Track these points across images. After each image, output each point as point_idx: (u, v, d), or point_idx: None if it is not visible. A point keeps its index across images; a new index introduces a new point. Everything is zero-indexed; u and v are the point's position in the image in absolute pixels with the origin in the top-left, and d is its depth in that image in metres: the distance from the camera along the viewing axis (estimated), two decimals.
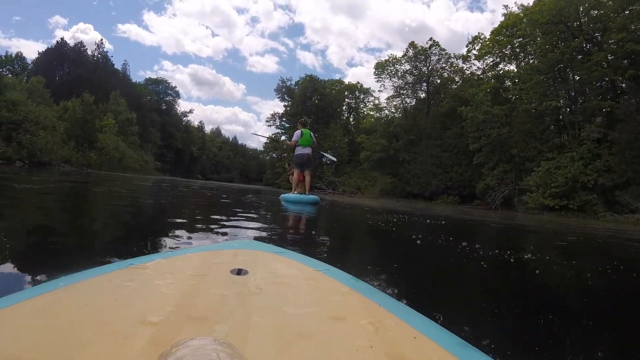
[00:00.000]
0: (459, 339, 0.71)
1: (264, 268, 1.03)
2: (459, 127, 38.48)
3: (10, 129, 30.23)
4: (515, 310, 1.98)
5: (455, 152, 39.67)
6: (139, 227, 3.79)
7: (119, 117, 55.42)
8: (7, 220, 3.03)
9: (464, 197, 37.63)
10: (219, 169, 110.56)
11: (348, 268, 1.64)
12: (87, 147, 40.69)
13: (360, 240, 4.70)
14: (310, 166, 10.77)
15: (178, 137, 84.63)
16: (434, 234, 5.24)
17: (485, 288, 2.46)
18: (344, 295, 0.88)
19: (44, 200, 5.26)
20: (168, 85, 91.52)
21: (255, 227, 4.11)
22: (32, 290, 0.77)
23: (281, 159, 67.29)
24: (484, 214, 16.90)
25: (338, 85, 69.78)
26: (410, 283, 2.30)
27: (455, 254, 3.36)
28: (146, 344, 0.59)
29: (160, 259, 1.03)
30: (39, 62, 59.32)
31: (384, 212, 10.19)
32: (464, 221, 9.97)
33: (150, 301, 0.76)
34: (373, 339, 0.67)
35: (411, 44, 48.55)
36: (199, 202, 8.00)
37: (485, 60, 41.32)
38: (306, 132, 10.61)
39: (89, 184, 11.00)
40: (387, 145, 44.97)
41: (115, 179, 16.02)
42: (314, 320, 0.74)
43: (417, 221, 7.79)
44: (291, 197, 10.36)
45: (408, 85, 49.95)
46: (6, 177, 9.64)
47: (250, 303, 0.78)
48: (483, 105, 33.21)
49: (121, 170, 43.30)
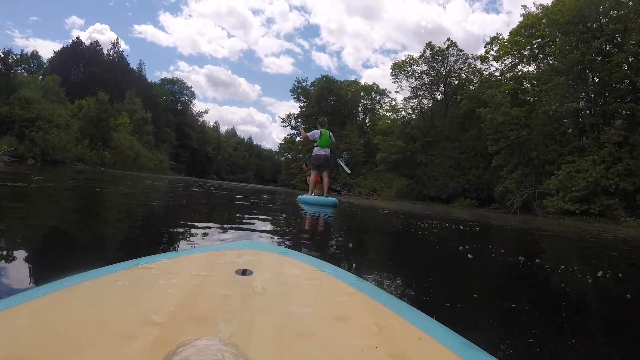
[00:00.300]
0: (464, 340, 0.71)
1: (269, 268, 1.04)
2: (476, 128, 38.23)
3: (24, 127, 30.25)
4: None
5: (473, 154, 39.40)
6: (145, 228, 3.73)
7: (134, 117, 55.54)
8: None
9: (482, 200, 37.33)
10: (234, 170, 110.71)
11: (399, 294, 1.59)
12: (101, 145, 40.70)
13: (399, 253, 4.05)
14: (328, 167, 10.58)
15: (193, 137, 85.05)
16: (479, 244, 4.96)
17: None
18: (349, 295, 0.89)
19: (42, 200, 5.13)
20: (184, 86, 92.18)
21: (271, 231, 4.04)
22: (36, 291, 0.77)
23: (296, 159, 67.35)
24: (506, 218, 16.65)
25: (354, 86, 69.67)
26: (497, 320, 1.85)
27: (525, 274, 2.92)
28: (151, 344, 0.59)
29: (165, 259, 1.03)
30: (54, 61, 59.60)
31: (409, 216, 10.02)
32: (498, 227, 9.62)
33: (155, 301, 0.76)
34: (377, 339, 0.67)
35: (428, 44, 48.40)
36: (211, 204, 7.86)
37: (504, 61, 40.96)
38: (325, 133, 10.39)
39: (102, 182, 11.04)
40: (404, 146, 44.81)
41: (125, 179, 15.92)
42: (318, 321, 0.74)
43: (450, 227, 7.46)
44: (309, 199, 10.24)
45: (425, 86, 49.80)
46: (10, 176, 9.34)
47: (254, 303, 0.79)
48: (502, 106, 32.87)
49: (135, 169, 43.35)
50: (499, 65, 42.38)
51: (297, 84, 71.74)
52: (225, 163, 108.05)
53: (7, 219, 2.91)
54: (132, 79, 65.17)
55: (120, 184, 11.49)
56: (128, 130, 51.69)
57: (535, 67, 38.36)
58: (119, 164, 42.06)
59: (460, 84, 47.57)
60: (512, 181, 32.02)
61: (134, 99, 58.25)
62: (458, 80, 47.95)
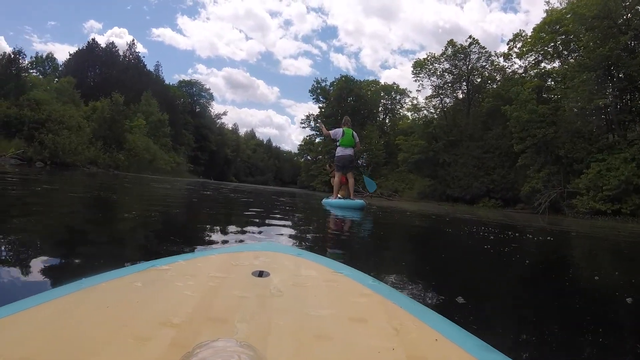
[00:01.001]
0: (481, 342, 0.71)
1: (285, 270, 1.03)
2: (501, 127, 37.67)
3: (33, 129, 29.54)
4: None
5: (498, 153, 38.71)
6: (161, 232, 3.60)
7: (150, 118, 55.26)
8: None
9: (506, 200, 36.68)
10: (253, 172, 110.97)
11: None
12: (115, 148, 39.94)
13: (481, 276, 2.93)
14: (352, 168, 10.23)
15: (212, 139, 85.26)
16: (569, 261, 4.32)
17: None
18: (365, 296, 0.89)
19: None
20: (202, 87, 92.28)
21: (300, 237, 3.85)
22: (53, 292, 0.78)
23: (316, 161, 67.27)
24: (536, 219, 16.08)
25: (374, 86, 69.30)
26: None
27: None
28: (168, 345, 0.60)
29: (181, 260, 1.04)
30: (70, 63, 59.33)
31: (447, 219, 9.62)
32: (563, 234, 8.35)
33: (172, 303, 0.77)
34: (394, 341, 0.68)
35: (450, 42, 47.80)
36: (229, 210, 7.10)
37: (528, 58, 40.18)
38: (348, 132, 9.98)
39: (115, 186, 10.50)
40: (427, 146, 44.31)
41: (134, 182, 15.13)
42: (334, 322, 0.75)
43: (515, 236, 6.27)
44: (335, 203, 9.90)
45: (447, 85, 49.19)
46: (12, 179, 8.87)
47: (271, 305, 0.79)
48: (528, 103, 32.19)
49: (150, 172, 43.00)
50: (522, 63, 41.65)
51: (316, 85, 71.54)
52: (244, 165, 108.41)
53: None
54: (148, 80, 65.06)
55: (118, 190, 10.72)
56: (144, 132, 51.26)
57: (559, 63, 37.47)
58: (134, 166, 41.78)
59: (483, 82, 46.99)
60: (539, 180, 31.32)
61: (150, 101, 57.87)
62: (481, 78, 47.22)
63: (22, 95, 31.41)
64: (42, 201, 5.11)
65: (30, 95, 32.31)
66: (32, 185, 7.99)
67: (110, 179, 16.40)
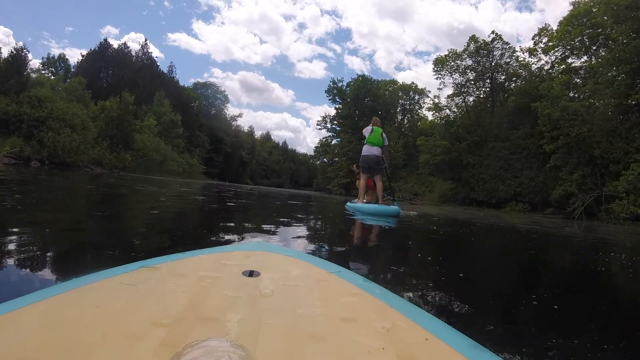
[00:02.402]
0: (470, 341, 0.72)
1: (276, 270, 1.04)
2: (528, 126, 35.83)
3: (32, 126, 28.34)
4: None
5: (525, 154, 36.64)
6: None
7: (162, 119, 54.31)
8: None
9: (535, 204, 34.70)
10: (269, 174, 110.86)
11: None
12: (123, 148, 38.65)
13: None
14: (380, 170, 9.16)
15: (227, 142, 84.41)
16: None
17: None
18: (356, 296, 0.90)
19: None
20: (217, 90, 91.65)
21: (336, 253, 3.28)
22: (43, 292, 0.78)
23: (332, 163, 66.06)
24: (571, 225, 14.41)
25: (391, 86, 67.74)
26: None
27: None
28: (158, 345, 0.60)
29: (172, 260, 1.04)
30: (82, 64, 58.72)
31: (499, 229, 8.38)
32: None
33: (162, 302, 0.78)
34: (385, 340, 0.68)
35: (472, 37, 46.03)
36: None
37: (555, 52, 38.22)
38: (377, 130, 9.13)
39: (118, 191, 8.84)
40: (450, 147, 42.44)
41: (123, 184, 12.68)
42: (325, 322, 0.75)
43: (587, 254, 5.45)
44: (363, 208, 8.69)
45: (469, 83, 47.26)
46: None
47: (261, 304, 0.80)
48: (560, 100, 30.17)
49: (159, 173, 41.53)
50: (548, 58, 39.68)
51: (332, 85, 70.31)
52: (259, 167, 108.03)
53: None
54: (162, 81, 64.26)
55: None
56: (154, 133, 50.10)
57: (589, 57, 35.42)
58: (141, 167, 40.42)
59: (508, 79, 45.10)
60: (572, 183, 29.26)
61: (163, 101, 56.92)
62: (505, 75, 45.22)
63: (24, 92, 30.18)
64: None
65: (32, 92, 31.03)
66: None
67: (101, 179, 14.97)
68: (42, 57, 60.30)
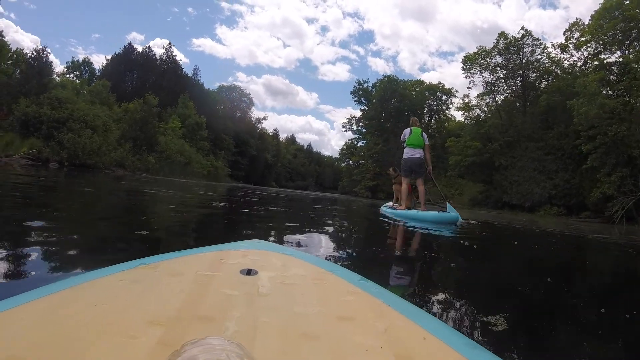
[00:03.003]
0: (468, 340, 0.72)
1: (273, 268, 1.04)
2: (563, 125, 34.47)
3: (52, 128, 27.59)
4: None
5: (560, 154, 35.27)
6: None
7: (187, 121, 54.19)
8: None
9: (570, 207, 33.40)
10: (294, 177, 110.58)
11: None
12: (146, 150, 38.03)
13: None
14: (422, 173, 8.64)
15: (252, 144, 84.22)
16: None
17: None
18: (353, 295, 0.90)
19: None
20: (242, 93, 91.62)
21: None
22: (41, 290, 0.78)
23: (358, 165, 65.23)
24: (618, 230, 13.26)
25: (418, 86, 66.48)
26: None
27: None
28: (155, 344, 0.61)
29: (170, 258, 1.04)
30: (107, 68, 58.82)
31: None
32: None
33: (160, 301, 0.78)
34: (382, 339, 0.69)
35: (501, 34, 44.83)
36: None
37: (588, 48, 36.72)
38: (416, 131, 8.62)
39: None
40: (481, 148, 41.38)
41: (135, 188, 10.62)
42: (322, 321, 0.76)
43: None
44: (412, 214, 8.13)
45: (500, 81, 45.96)
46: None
47: (259, 303, 0.80)
48: (597, 97, 28.78)
49: (183, 175, 40.99)
50: (580, 54, 38.14)
51: (357, 86, 69.63)
52: (284, 170, 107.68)
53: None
54: (186, 84, 64.15)
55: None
56: (179, 135, 49.92)
57: (620, 53, 33.85)
58: (165, 169, 39.91)
59: (540, 77, 43.71)
60: (611, 185, 27.87)
61: (187, 103, 56.68)
62: (537, 72, 43.81)
63: (45, 94, 29.78)
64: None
65: (53, 93, 30.55)
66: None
67: (119, 182, 14.10)
68: (66, 62, 60.95)
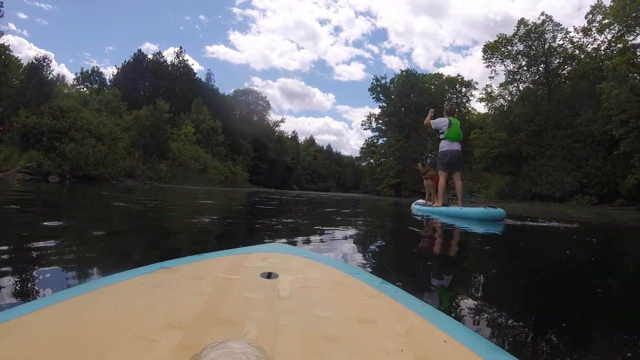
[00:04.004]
0: (489, 343, 0.72)
1: (294, 271, 1.04)
2: (591, 111, 33.36)
3: (54, 139, 26.24)
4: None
5: (590, 141, 34.34)
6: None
7: (202, 126, 53.52)
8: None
9: (602, 196, 32.54)
10: (315, 179, 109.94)
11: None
12: (157, 157, 36.76)
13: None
14: (460, 167, 8.26)
15: (271, 148, 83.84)
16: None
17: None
18: (373, 298, 0.90)
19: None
20: (258, 96, 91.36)
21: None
22: (61, 294, 0.79)
23: (380, 164, 64.47)
24: None
25: (437, 80, 65.51)
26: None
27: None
28: (176, 347, 0.60)
29: (190, 261, 1.05)
30: (118, 77, 58.09)
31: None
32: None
33: (180, 304, 0.78)
34: (403, 342, 0.68)
35: (521, 20, 44.10)
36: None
37: (611, 30, 35.60)
38: (456, 123, 8.17)
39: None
40: (507, 138, 40.45)
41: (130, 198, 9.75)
42: (343, 324, 0.75)
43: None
44: (452, 211, 7.68)
45: (522, 69, 44.91)
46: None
47: (279, 306, 0.80)
48: (628, 79, 27.66)
49: (198, 183, 39.11)
50: (603, 38, 37.32)
51: (375, 83, 69.04)
52: (305, 172, 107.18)
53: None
54: (199, 88, 63.34)
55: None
56: (192, 141, 49.29)
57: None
58: (178, 177, 38.31)
59: (563, 63, 42.62)
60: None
61: (201, 108, 55.90)
62: (560, 59, 42.67)
63: (45, 103, 28.80)
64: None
65: (55, 103, 29.50)
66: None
67: (115, 193, 12.10)
68: (75, 73, 61.14)
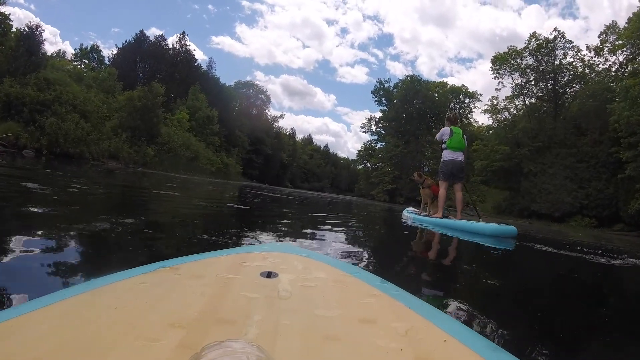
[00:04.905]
0: (488, 342, 0.72)
1: (294, 271, 1.05)
2: (597, 132, 32.74)
3: (35, 111, 24.70)
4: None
5: (594, 162, 33.78)
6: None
7: (197, 114, 52.05)
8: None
9: (602, 219, 31.94)
10: (309, 178, 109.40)
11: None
12: (145, 141, 34.85)
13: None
14: (462, 179, 7.96)
15: (268, 143, 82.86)
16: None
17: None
18: (374, 297, 0.90)
19: None
20: (259, 89, 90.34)
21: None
22: (62, 293, 0.79)
23: (376, 168, 63.80)
24: None
25: (441, 88, 64.84)
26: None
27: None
28: (176, 346, 0.61)
29: (190, 261, 1.05)
30: (117, 56, 56.36)
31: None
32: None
33: (180, 303, 0.79)
34: (403, 341, 0.69)
35: (532, 34, 43.40)
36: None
37: (624, 52, 35.15)
38: (458, 132, 7.89)
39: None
40: (509, 153, 39.84)
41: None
42: (343, 323, 0.76)
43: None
44: (461, 225, 6.95)
45: (530, 83, 44.32)
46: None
47: (279, 306, 0.81)
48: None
49: (187, 171, 37.47)
50: (615, 59, 36.84)
51: (379, 85, 68.34)
52: (300, 171, 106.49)
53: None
54: (199, 75, 62.28)
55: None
56: (185, 127, 47.76)
57: None
58: (166, 163, 36.43)
59: (572, 80, 42.00)
60: None
61: (198, 95, 54.28)
62: (569, 77, 42.08)
63: (32, 74, 27.36)
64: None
65: (41, 74, 27.89)
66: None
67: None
68: (74, 49, 59.99)
